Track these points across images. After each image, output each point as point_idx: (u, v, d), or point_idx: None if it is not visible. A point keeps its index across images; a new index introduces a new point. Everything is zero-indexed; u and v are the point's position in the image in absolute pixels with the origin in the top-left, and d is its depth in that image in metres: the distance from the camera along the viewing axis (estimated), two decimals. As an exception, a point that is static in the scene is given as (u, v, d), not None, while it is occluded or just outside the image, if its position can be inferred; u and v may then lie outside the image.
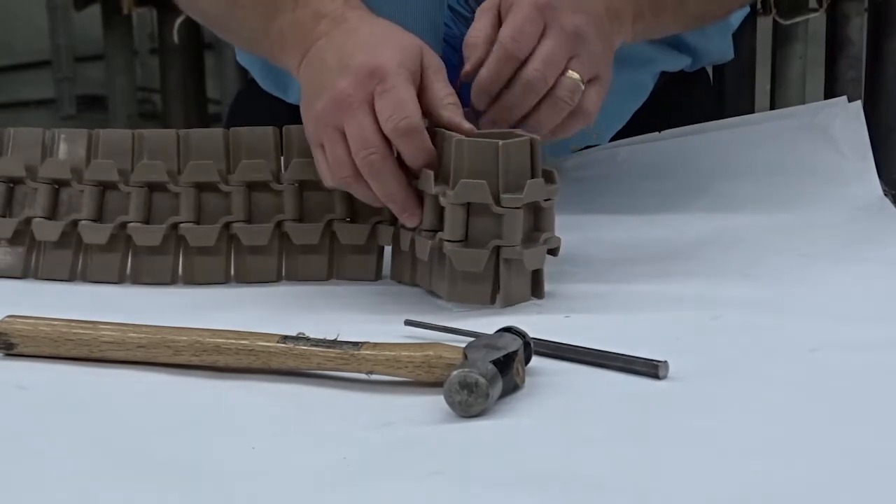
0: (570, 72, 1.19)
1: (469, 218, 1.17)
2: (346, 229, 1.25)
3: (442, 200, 1.17)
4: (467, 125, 1.18)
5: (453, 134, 1.17)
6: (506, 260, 1.17)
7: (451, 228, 1.17)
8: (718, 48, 1.52)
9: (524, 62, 1.18)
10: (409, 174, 1.18)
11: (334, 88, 1.16)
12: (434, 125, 1.19)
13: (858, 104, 1.46)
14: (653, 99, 1.48)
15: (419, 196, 1.19)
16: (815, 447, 0.93)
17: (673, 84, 1.51)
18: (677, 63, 1.47)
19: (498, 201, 1.16)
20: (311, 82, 1.20)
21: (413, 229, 1.20)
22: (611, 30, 1.23)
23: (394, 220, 1.24)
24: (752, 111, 2.06)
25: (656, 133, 1.45)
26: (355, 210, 1.25)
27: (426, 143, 1.16)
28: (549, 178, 1.19)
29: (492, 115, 1.20)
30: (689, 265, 1.27)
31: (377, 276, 1.26)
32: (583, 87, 1.19)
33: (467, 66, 1.21)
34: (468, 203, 1.16)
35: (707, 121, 1.47)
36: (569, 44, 1.19)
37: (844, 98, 1.48)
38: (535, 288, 1.20)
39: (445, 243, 1.17)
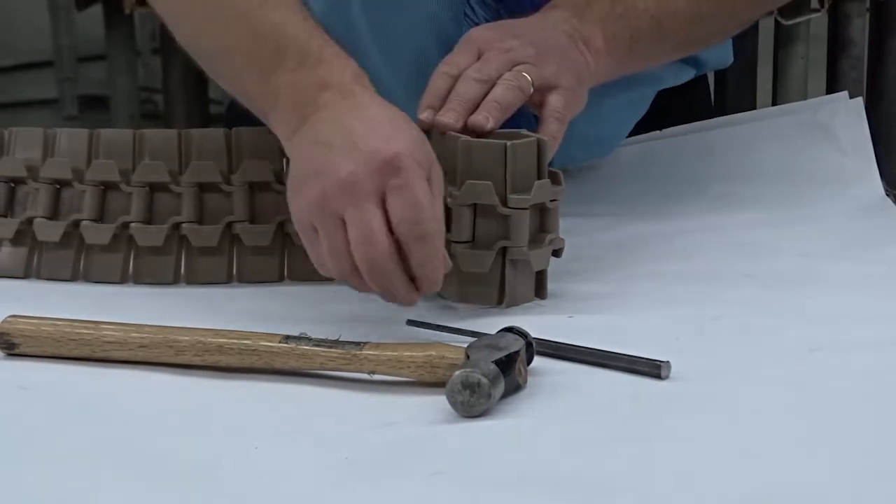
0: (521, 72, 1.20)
1: (476, 219, 1.17)
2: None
3: (449, 201, 1.17)
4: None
5: (460, 135, 1.17)
6: (512, 261, 1.17)
7: (458, 229, 1.17)
8: (719, 55, 1.52)
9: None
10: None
11: (340, 171, 1.07)
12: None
13: (860, 101, 1.46)
14: (654, 101, 1.48)
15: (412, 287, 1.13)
16: (816, 447, 0.93)
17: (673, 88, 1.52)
18: (682, 77, 1.47)
19: (505, 202, 1.16)
20: (308, 158, 1.10)
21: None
22: (575, 49, 1.24)
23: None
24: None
25: (657, 132, 1.45)
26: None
27: (441, 251, 1.09)
28: (555, 179, 1.19)
29: (447, 105, 1.18)
30: (691, 265, 1.27)
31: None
32: (530, 80, 1.19)
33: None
34: (475, 204, 1.16)
35: (707, 117, 1.47)
36: (508, 57, 1.20)
37: (845, 93, 1.48)
38: (539, 288, 1.20)
39: (452, 244, 1.17)
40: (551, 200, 1.18)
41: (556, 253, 1.21)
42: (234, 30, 1.19)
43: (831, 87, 2.18)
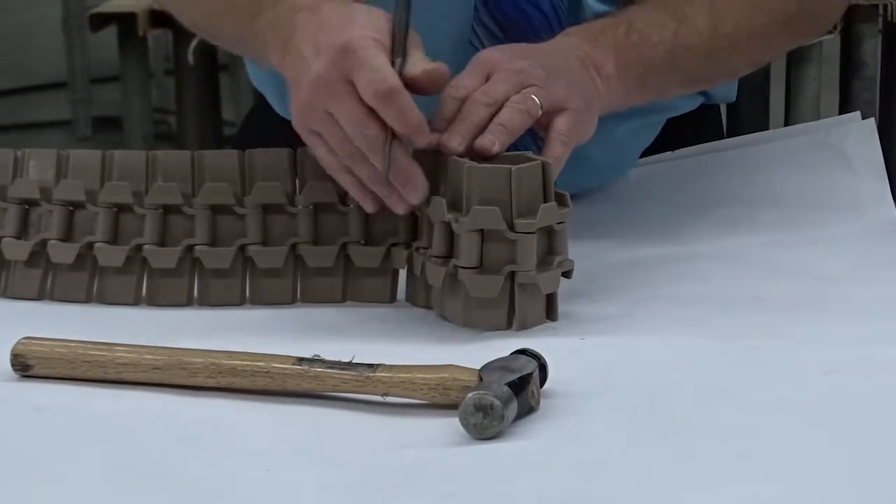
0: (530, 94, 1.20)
1: (483, 244, 1.16)
2: (361, 252, 1.25)
3: (455, 227, 1.17)
4: (432, 65, 1.17)
5: (465, 160, 1.17)
6: (521, 284, 1.17)
7: (466, 255, 1.17)
8: (724, 91, 1.52)
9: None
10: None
11: (310, 74, 1.16)
12: (411, 89, 1.16)
13: (872, 121, 1.46)
14: (665, 125, 1.48)
15: (422, 172, 1.17)
16: (831, 469, 0.93)
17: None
18: (692, 104, 1.47)
19: (511, 227, 1.16)
20: (290, 74, 1.19)
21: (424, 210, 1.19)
22: (585, 74, 1.24)
23: (408, 243, 1.23)
24: (766, 133, 2.06)
25: (668, 153, 1.45)
26: (370, 233, 1.25)
27: (410, 105, 1.14)
28: (561, 201, 1.19)
29: (452, 128, 1.19)
30: (703, 288, 1.27)
31: (392, 299, 1.26)
32: (538, 102, 1.19)
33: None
34: (481, 229, 1.16)
35: (718, 138, 1.47)
36: (517, 79, 1.20)
37: (858, 114, 1.47)
38: (550, 311, 1.20)
39: (460, 270, 1.17)
40: (558, 223, 1.18)
41: (566, 274, 1.20)
42: None
43: (844, 108, 2.19)
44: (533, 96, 1.20)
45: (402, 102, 1.14)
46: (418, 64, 1.17)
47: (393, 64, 1.16)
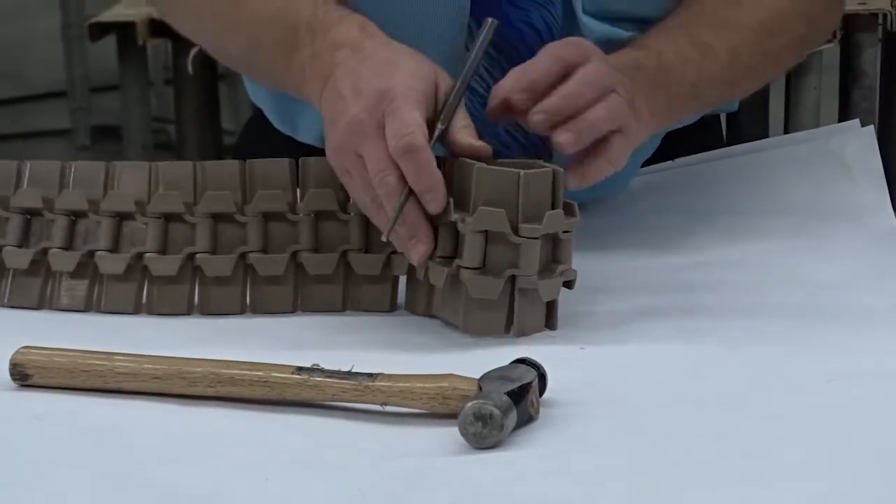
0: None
1: (487, 245, 1.17)
2: (361, 259, 1.25)
3: (461, 227, 1.17)
4: (479, 143, 1.18)
5: (474, 162, 1.17)
6: (521, 289, 1.17)
7: (470, 255, 1.17)
8: (727, 103, 1.52)
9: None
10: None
11: (348, 115, 1.17)
12: (451, 153, 1.19)
13: (871, 129, 1.46)
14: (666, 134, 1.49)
15: (434, 229, 1.18)
16: (834, 477, 0.93)
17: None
18: (691, 119, 1.48)
19: (516, 231, 1.16)
20: (328, 111, 1.20)
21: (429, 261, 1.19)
22: (633, 116, 1.24)
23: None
24: (766, 142, 2.06)
25: (669, 162, 1.45)
26: (370, 240, 1.25)
27: (428, 164, 1.15)
28: (569, 210, 1.19)
29: (542, 106, 1.18)
30: (703, 296, 1.27)
31: (392, 307, 1.26)
32: (626, 107, 1.20)
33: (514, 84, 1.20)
34: (486, 230, 1.16)
35: (718, 146, 1.47)
36: (601, 87, 1.20)
37: (857, 122, 1.47)
38: (549, 319, 1.20)
39: (462, 270, 1.17)
40: (564, 231, 1.18)
41: (568, 284, 1.20)
42: (251, 27, 1.30)
43: (843, 117, 2.19)
44: (618, 106, 1.20)
45: (421, 160, 1.14)
46: (463, 132, 1.18)
47: (435, 125, 1.17)
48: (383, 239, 1.18)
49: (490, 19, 1.22)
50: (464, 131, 1.18)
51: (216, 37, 1.37)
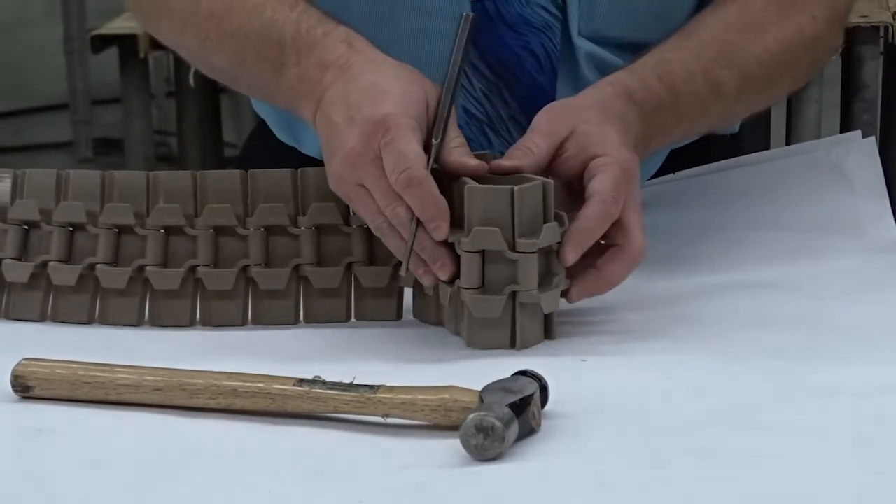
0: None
1: (484, 264, 1.16)
2: (367, 272, 1.25)
3: (457, 248, 1.17)
4: (474, 162, 1.17)
5: (467, 180, 1.17)
6: (522, 304, 1.17)
7: (468, 276, 1.17)
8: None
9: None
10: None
11: (344, 146, 1.16)
12: (446, 173, 1.18)
13: (872, 140, 1.45)
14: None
15: (451, 250, 1.18)
16: (836, 491, 0.93)
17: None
18: (692, 138, 1.48)
19: (513, 247, 1.16)
20: (325, 140, 1.20)
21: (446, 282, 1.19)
22: (636, 165, 1.23)
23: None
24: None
25: (670, 175, 1.45)
26: (374, 253, 1.25)
27: (430, 194, 1.14)
28: (560, 220, 1.19)
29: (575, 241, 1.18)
30: (704, 308, 1.26)
31: (398, 317, 1.26)
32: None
33: (511, 162, 1.19)
34: (482, 250, 1.16)
35: (721, 157, 1.47)
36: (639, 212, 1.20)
37: (858, 133, 1.46)
38: (548, 330, 1.20)
39: (462, 290, 1.17)
40: (557, 242, 1.18)
41: (564, 294, 1.20)
42: (236, 40, 1.28)
43: (845, 130, 2.18)
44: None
45: (423, 193, 1.14)
46: (456, 152, 1.17)
47: (429, 144, 1.16)
48: (402, 273, 1.18)
49: (465, 13, 1.20)
50: (457, 151, 1.18)
51: (200, 49, 1.35)
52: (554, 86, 1.37)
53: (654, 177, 1.47)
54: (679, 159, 1.47)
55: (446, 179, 1.19)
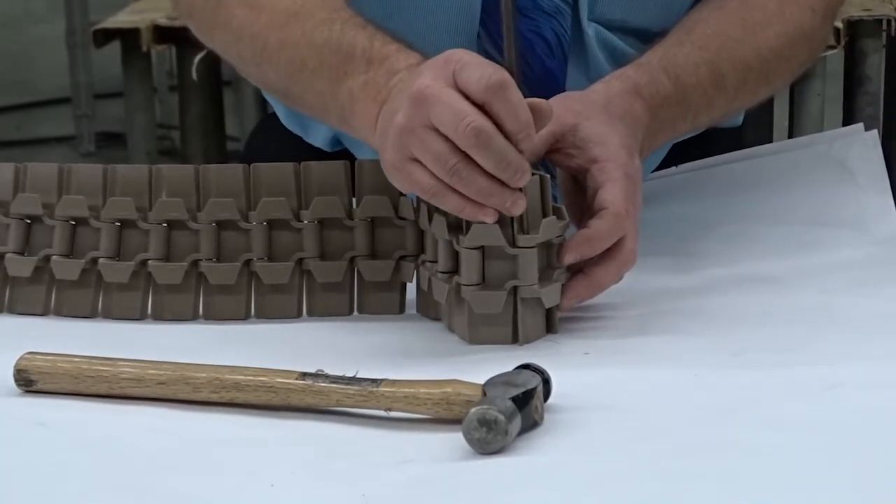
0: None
1: (484, 260, 1.16)
2: (370, 266, 1.24)
3: (456, 245, 1.17)
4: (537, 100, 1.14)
5: None
6: (523, 299, 1.17)
7: (468, 273, 1.16)
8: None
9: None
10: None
11: (395, 125, 1.12)
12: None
13: (875, 133, 1.45)
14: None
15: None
16: (836, 487, 0.93)
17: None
18: (695, 132, 1.48)
19: (513, 242, 1.15)
20: (383, 132, 1.16)
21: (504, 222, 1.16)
22: (635, 160, 1.23)
23: (416, 255, 1.23)
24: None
25: (673, 168, 1.45)
26: (377, 247, 1.24)
27: (522, 100, 1.10)
28: (558, 214, 1.19)
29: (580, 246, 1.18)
30: (707, 302, 1.26)
31: (401, 311, 1.26)
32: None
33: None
34: (482, 246, 1.16)
35: (724, 150, 1.47)
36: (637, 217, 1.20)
37: (861, 126, 1.46)
38: (550, 324, 1.20)
39: (463, 287, 1.17)
40: (557, 236, 1.18)
41: (564, 287, 1.20)
42: (296, 49, 1.26)
43: (847, 124, 2.18)
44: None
45: (516, 97, 1.10)
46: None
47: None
48: (519, 183, 1.12)
49: None
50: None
51: (255, 59, 1.31)
52: (564, 71, 1.37)
53: (656, 170, 1.46)
54: (681, 152, 1.47)
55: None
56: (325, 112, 1.26)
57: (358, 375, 1.05)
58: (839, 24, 2.23)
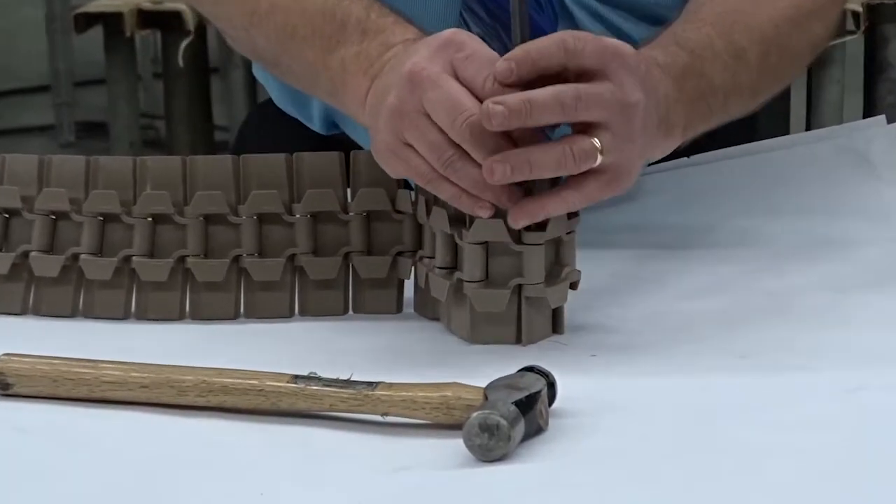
0: (594, 139, 1.12)
1: (488, 257, 1.15)
2: (365, 263, 1.23)
3: (458, 240, 1.15)
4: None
5: None
6: (528, 298, 1.16)
7: (470, 269, 1.15)
8: None
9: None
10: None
11: (387, 105, 1.11)
12: None
13: None
14: None
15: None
16: (856, 494, 0.92)
17: None
18: (732, 117, 1.46)
19: (518, 238, 1.14)
20: (374, 108, 1.15)
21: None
22: (658, 139, 1.18)
23: (414, 251, 1.22)
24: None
25: (685, 158, 1.44)
26: (373, 242, 1.23)
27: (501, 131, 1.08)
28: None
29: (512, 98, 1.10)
30: (718, 300, 1.25)
31: (398, 310, 1.25)
32: (599, 159, 1.11)
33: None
34: (486, 242, 1.14)
35: (737, 140, 1.45)
36: (615, 110, 1.12)
37: (883, 117, 1.46)
38: (556, 324, 1.18)
39: (465, 284, 1.15)
40: (567, 233, 1.16)
41: (573, 285, 1.19)
42: (287, 14, 1.24)
43: (868, 113, 2.18)
44: (597, 147, 1.11)
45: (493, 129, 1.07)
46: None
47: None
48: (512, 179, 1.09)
49: None
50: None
51: (245, 22, 1.30)
52: (555, 28, 1.35)
53: (667, 160, 1.44)
54: (693, 142, 1.45)
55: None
56: (314, 84, 1.25)
57: (353, 378, 1.04)
58: (859, 8, 2.22)
